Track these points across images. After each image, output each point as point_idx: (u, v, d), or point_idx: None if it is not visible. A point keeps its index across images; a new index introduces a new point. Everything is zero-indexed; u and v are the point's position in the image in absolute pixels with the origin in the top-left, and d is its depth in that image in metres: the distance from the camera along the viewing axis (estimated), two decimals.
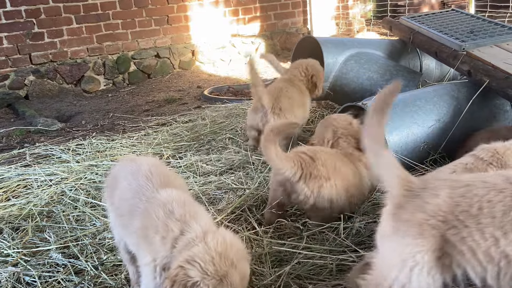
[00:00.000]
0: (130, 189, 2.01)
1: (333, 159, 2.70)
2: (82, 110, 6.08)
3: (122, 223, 2.04)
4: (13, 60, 6.62)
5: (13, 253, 2.66)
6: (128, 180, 2.05)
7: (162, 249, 1.75)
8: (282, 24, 9.05)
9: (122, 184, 2.07)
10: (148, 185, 1.96)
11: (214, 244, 1.62)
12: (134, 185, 2.00)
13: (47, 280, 2.41)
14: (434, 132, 3.30)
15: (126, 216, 1.98)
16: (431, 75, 4.91)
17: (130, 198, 1.97)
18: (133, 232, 1.91)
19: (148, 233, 1.81)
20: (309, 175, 2.59)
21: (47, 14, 6.75)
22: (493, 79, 3.30)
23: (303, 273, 2.27)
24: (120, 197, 2.06)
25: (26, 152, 4.36)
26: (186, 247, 1.66)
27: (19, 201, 3.31)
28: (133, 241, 1.95)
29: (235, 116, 4.86)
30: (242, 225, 2.77)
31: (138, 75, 7.58)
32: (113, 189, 2.14)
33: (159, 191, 1.92)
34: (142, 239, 1.84)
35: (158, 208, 1.83)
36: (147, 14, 7.57)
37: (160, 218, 1.80)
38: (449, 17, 4.59)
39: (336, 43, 4.68)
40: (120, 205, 2.06)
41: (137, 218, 1.89)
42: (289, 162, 2.58)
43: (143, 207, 1.90)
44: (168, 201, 1.85)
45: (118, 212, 2.08)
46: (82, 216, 3.07)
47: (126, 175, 2.09)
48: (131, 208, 1.94)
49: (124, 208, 2.01)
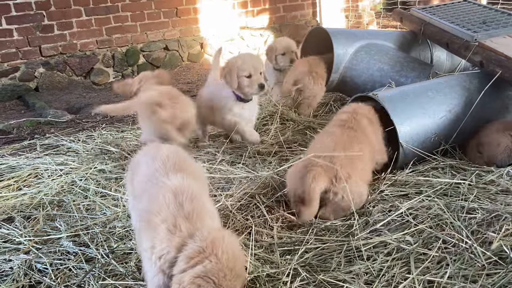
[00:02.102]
0: (146, 173, 2.04)
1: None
2: (91, 102, 6.10)
3: (135, 204, 2.08)
4: (23, 52, 6.65)
5: (25, 241, 2.68)
6: (148, 164, 2.08)
7: (166, 243, 1.73)
8: (291, 17, 9.00)
9: (141, 168, 2.11)
10: (162, 169, 1.98)
11: (226, 260, 1.65)
12: (151, 169, 2.02)
13: (59, 268, 2.43)
14: (445, 123, 3.27)
15: (138, 197, 2.01)
16: (442, 66, 4.86)
17: (145, 181, 1.99)
18: (138, 214, 1.93)
19: (152, 219, 1.79)
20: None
21: (56, 6, 6.77)
22: (506, 70, 3.25)
23: (314, 261, 2.28)
24: (138, 180, 2.09)
25: (37, 143, 4.39)
26: (197, 257, 1.66)
27: (30, 190, 3.33)
28: (135, 223, 1.97)
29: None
30: (253, 211, 2.78)
31: (147, 67, 7.59)
32: (134, 174, 2.18)
33: (170, 176, 1.92)
34: (145, 223, 1.83)
35: (167, 196, 1.82)
36: (156, 6, 7.57)
37: (170, 208, 1.78)
38: (461, 8, 4.53)
39: (347, 34, 4.64)
40: (137, 187, 2.09)
41: (143, 200, 1.91)
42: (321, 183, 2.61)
43: (150, 190, 1.91)
44: (179, 192, 1.84)
45: (135, 194, 2.12)
46: (92, 205, 3.08)
47: (147, 159, 2.13)
48: (143, 190, 1.96)
49: (139, 190, 2.04)
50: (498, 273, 2.01)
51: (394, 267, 2.16)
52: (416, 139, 3.17)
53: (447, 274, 2.02)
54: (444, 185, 2.85)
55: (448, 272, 2.03)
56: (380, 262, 2.20)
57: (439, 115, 3.27)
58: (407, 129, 3.14)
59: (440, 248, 2.23)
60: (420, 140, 3.19)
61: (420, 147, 3.17)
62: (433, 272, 2.08)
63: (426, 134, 3.21)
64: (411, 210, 2.60)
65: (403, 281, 2.05)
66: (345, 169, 2.67)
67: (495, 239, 2.20)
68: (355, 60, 4.44)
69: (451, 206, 2.58)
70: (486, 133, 3.25)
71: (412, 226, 2.45)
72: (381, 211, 2.67)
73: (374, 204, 2.78)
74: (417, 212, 2.58)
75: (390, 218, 2.56)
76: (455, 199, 2.68)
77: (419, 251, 2.23)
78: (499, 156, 3.12)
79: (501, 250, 2.13)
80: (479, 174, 2.97)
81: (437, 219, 2.48)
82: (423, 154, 3.16)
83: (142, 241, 1.86)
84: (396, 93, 3.38)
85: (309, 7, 9.18)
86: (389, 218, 2.55)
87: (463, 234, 2.29)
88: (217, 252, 1.65)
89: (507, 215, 2.39)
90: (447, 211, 2.51)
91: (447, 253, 2.18)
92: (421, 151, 3.15)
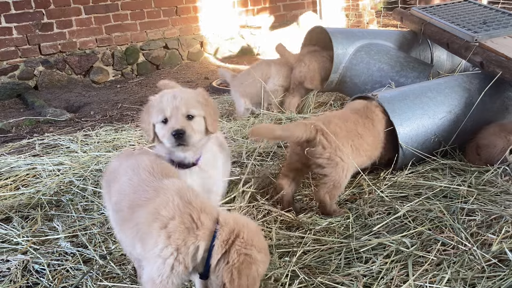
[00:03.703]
0: (131, 184, 1.96)
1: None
2: (90, 101, 6.09)
3: (121, 218, 1.99)
4: (23, 50, 6.64)
5: (22, 241, 2.67)
6: (128, 175, 2.00)
7: (190, 238, 1.72)
8: (291, 15, 8.98)
9: (121, 179, 2.03)
10: (152, 178, 1.94)
11: (250, 230, 1.79)
12: (135, 180, 1.96)
13: (56, 268, 2.42)
14: (445, 123, 3.26)
15: (125, 211, 1.92)
16: (442, 66, 4.84)
17: (131, 193, 1.93)
18: (134, 225, 1.86)
19: (162, 220, 1.75)
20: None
21: (56, 5, 6.75)
22: (506, 71, 3.24)
23: (312, 263, 2.27)
24: (120, 192, 2.01)
25: (35, 142, 4.37)
26: (231, 238, 1.74)
27: (28, 190, 3.32)
28: (132, 235, 1.88)
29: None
30: (252, 213, 2.77)
31: (146, 66, 7.58)
32: (111, 184, 2.10)
33: (165, 180, 1.91)
34: (156, 230, 1.76)
35: (174, 198, 1.80)
36: (156, 4, 7.55)
37: (181, 208, 1.77)
38: (461, 8, 4.51)
39: (346, 34, 4.62)
40: (118, 200, 2.00)
41: (144, 209, 1.85)
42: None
43: (152, 197, 1.86)
44: (183, 191, 1.84)
45: (116, 207, 2.02)
46: (90, 205, 3.07)
47: (125, 170, 2.05)
48: (132, 203, 1.90)
49: (123, 203, 1.95)
50: (499, 275, 2.00)
51: (392, 269, 2.15)
52: (415, 140, 3.16)
53: (445, 279, 2.00)
54: (444, 187, 2.84)
55: (447, 275, 2.02)
56: (379, 265, 2.19)
57: (439, 116, 3.26)
58: (406, 130, 3.12)
59: (439, 250, 2.22)
60: (420, 141, 3.18)
61: (420, 148, 3.16)
62: (433, 274, 2.06)
63: (426, 135, 3.20)
64: (410, 212, 2.59)
65: (402, 284, 2.04)
66: (341, 139, 2.78)
67: (495, 241, 2.19)
68: (355, 60, 4.42)
69: (450, 208, 2.57)
70: (483, 135, 3.25)
71: (412, 228, 2.44)
72: (381, 213, 2.66)
73: (373, 205, 2.77)
74: (416, 214, 2.57)
75: (389, 220, 2.54)
76: (455, 201, 2.67)
77: (418, 254, 2.22)
78: (496, 158, 3.13)
79: (501, 252, 2.12)
80: (479, 176, 2.96)
81: (436, 221, 2.47)
82: (422, 155, 3.15)
83: (149, 246, 1.78)
84: (396, 94, 3.36)
85: (310, 5, 9.16)
86: (388, 220, 2.54)
87: (462, 236, 2.28)
88: (241, 227, 1.77)
89: (507, 217, 2.38)
90: (446, 213, 2.50)
91: (446, 256, 2.17)
92: (420, 152, 3.14)
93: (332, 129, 2.79)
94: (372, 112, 3.10)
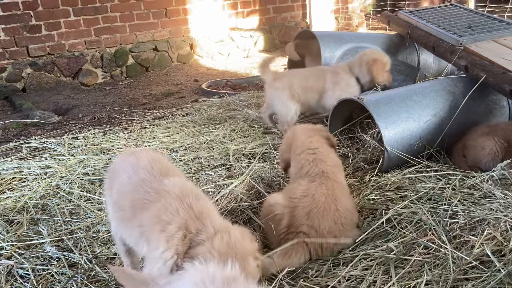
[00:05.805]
0: (130, 183, 2.00)
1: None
2: (79, 103, 6.06)
3: (121, 217, 2.03)
4: (10, 52, 6.59)
5: (7, 246, 2.65)
6: (128, 173, 2.04)
7: (181, 247, 1.75)
8: (281, 18, 9.01)
9: (121, 177, 2.07)
10: (152, 178, 1.96)
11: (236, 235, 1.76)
12: (134, 179, 1.99)
13: (41, 273, 2.41)
14: (430, 127, 3.29)
15: (126, 210, 1.96)
16: (429, 70, 4.90)
17: (131, 191, 1.96)
18: (136, 226, 1.89)
19: (168, 227, 1.78)
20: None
21: (44, 7, 6.71)
22: (489, 75, 3.28)
23: (295, 268, 2.28)
24: (119, 191, 2.05)
25: (22, 145, 4.35)
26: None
27: (14, 194, 3.30)
28: (135, 234, 1.92)
29: (232, 110, 4.85)
30: (238, 215, 2.78)
31: (136, 68, 7.56)
32: (112, 182, 2.14)
33: (167, 181, 1.92)
34: (158, 233, 1.80)
35: (175, 202, 1.83)
36: (146, 7, 7.53)
37: (181, 213, 1.80)
38: (448, 11, 4.57)
39: (334, 37, 4.66)
40: (118, 198, 2.05)
41: (147, 212, 1.88)
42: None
43: (155, 199, 1.88)
44: (185, 194, 1.86)
45: (116, 205, 2.07)
46: (77, 209, 3.06)
47: (126, 168, 2.09)
48: (133, 203, 1.93)
49: (123, 202, 1.99)
50: (480, 277, 2.03)
51: (375, 272, 2.16)
52: (401, 143, 3.19)
53: (423, 283, 2.02)
54: (429, 190, 2.86)
55: (428, 277, 2.04)
56: (362, 268, 2.20)
57: (424, 119, 3.29)
58: (392, 133, 3.15)
59: (421, 254, 2.24)
60: (405, 144, 3.21)
61: (405, 151, 3.19)
62: (413, 276, 2.09)
63: (411, 138, 3.23)
64: (395, 215, 2.61)
65: (384, 286, 2.06)
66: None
67: (477, 243, 2.22)
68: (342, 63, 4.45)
69: (434, 211, 2.59)
70: (471, 137, 3.27)
71: (397, 232, 2.46)
72: (365, 217, 2.68)
73: (359, 209, 2.79)
74: (401, 217, 2.59)
75: (375, 227, 2.55)
76: (439, 203, 2.70)
77: (401, 258, 2.24)
78: (483, 160, 3.14)
79: (483, 254, 2.15)
80: (463, 178, 2.99)
81: (421, 224, 2.49)
82: (408, 158, 3.18)
83: (152, 247, 1.82)
84: (381, 97, 3.39)
85: (299, 8, 9.19)
86: (374, 227, 2.54)
87: (444, 239, 2.30)
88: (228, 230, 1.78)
89: (490, 219, 2.41)
90: (429, 216, 2.52)
91: (428, 259, 2.19)
92: (406, 155, 3.17)
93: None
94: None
